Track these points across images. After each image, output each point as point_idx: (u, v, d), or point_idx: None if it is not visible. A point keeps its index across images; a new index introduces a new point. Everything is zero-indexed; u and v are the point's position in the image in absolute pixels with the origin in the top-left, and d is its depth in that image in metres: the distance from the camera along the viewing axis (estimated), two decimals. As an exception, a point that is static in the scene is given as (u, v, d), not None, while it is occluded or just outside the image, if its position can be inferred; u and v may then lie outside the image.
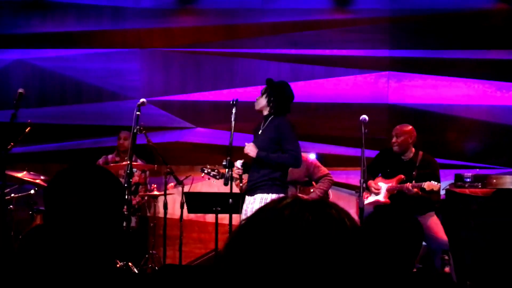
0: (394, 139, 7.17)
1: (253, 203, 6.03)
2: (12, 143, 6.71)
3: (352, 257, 1.21)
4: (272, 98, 6.15)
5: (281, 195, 5.92)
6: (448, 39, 9.06)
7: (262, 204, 4.85)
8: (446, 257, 6.88)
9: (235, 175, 6.36)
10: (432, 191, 6.81)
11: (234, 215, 6.40)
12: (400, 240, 3.17)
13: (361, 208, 6.54)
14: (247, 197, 6.20)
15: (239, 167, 6.33)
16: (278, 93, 6.17)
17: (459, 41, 9.04)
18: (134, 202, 8.19)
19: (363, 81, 9.26)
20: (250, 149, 6.12)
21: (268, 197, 5.97)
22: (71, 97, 9.63)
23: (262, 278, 1.18)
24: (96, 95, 9.60)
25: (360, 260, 1.22)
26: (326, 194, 7.49)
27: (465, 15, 8.99)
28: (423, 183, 6.83)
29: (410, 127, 7.22)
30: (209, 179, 7.51)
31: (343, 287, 1.18)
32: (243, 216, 6.06)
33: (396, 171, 7.15)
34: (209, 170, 7.49)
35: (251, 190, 6.15)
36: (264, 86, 6.32)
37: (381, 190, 7.17)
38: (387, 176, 7.23)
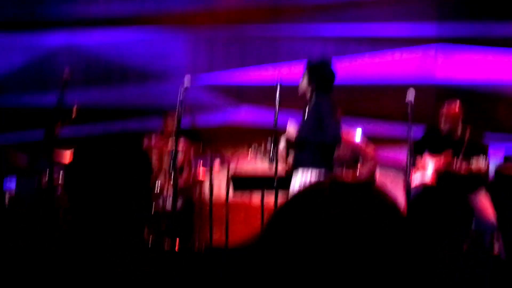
0: (443, 124, 7.08)
1: (295, 178, 6.03)
2: (59, 127, 6.80)
3: (394, 237, 1.20)
4: (312, 82, 6.10)
5: (323, 169, 5.90)
6: (497, 11, 8.90)
7: (303, 178, 4.81)
8: (496, 236, 6.83)
9: (280, 154, 6.32)
10: (479, 170, 6.72)
11: (280, 196, 6.40)
12: (450, 221, 3.14)
13: (408, 190, 6.48)
14: (293, 174, 6.20)
15: (282, 147, 6.27)
16: (318, 75, 6.11)
17: (508, 13, 8.88)
18: (180, 183, 8.23)
19: (410, 57, 9.15)
20: (290, 130, 6.12)
21: (309, 172, 5.94)
22: (116, 80, 9.72)
23: (301, 259, 1.18)
24: (141, 77, 9.68)
25: (402, 241, 1.21)
26: (372, 174, 7.44)
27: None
28: (471, 162, 6.73)
29: (457, 106, 7.11)
30: (256, 158, 7.52)
31: (386, 270, 1.17)
32: (290, 193, 6.07)
33: (444, 147, 7.06)
34: (256, 147, 7.50)
35: (295, 167, 6.16)
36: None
37: (428, 168, 7.08)
38: (435, 151, 7.13)
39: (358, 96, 9.11)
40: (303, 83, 6.17)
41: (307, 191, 1.28)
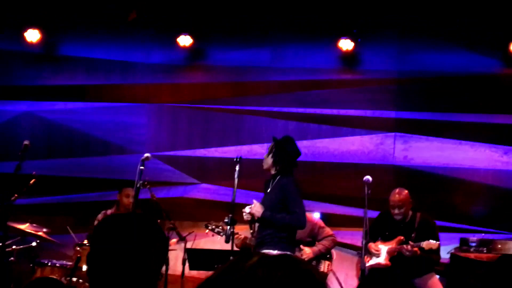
0: (396, 211, 7.15)
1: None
2: (16, 195, 6.75)
3: None
4: (277, 158, 6.17)
5: (288, 252, 5.92)
6: (455, 102, 9.12)
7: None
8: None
9: (245, 218, 6.29)
10: (431, 250, 6.78)
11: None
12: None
13: (362, 270, 6.50)
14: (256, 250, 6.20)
15: (247, 212, 6.25)
16: (283, 151, 6.19)
17: (466, 104, 9.09)
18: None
19: (369, 142, 9.30)
20: (256, 209, 6.13)
21: (273, 253, 5.95)
22: (78, 150, 9.71)
23: None
24: (103, 148, 9.67)
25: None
26: (328, 252, 7.45)
27: (473, 78, 9.07)
28: (422, 242, 6.81)
29: (406, 192, 7.22)
30: (213, 235, 7.51)
31: None
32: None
33: (395, 234, 7.14)
34: (213, 227, 7.50)
35: (258, 245, 6.16)
36: (269, 144, 6.36)
37: (381, 252, 7.14)
38: (386, 239, 7.21)
39: (318, 175, 9.18)
40: (268, 159, 6.22)
41: (235, 267, 1.30)
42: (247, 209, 6.22)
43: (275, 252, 5.93)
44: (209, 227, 7.54)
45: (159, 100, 9.63)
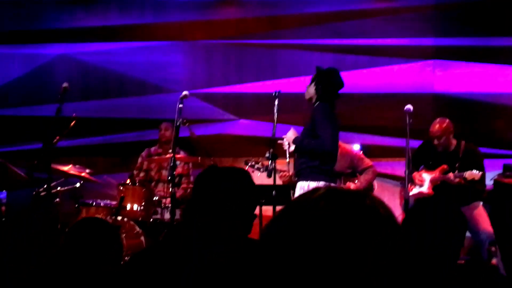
0: (436, 141, 7.11)
1: (298, 190, 6.05)
2: (58, 137, 6.84)
3: (387, 246, 1.22)
4: (320, 87, 6.11)
5: (321, 182, 5.92)
6: (495, 25, 8.93)
7: (302, 191, 4.86)
8: (493, 249, 6.85)
9: (285, 148, 6.28)
10: (474, 180, 6.75)
11: (278, 207, 6.42)
12: (443, 231, 3.16)
13: (406, 200, 6.51)
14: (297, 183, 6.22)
15: (286, 143, 6.23)
16: (326, 81, 6.14)
17: (507, 28, 8.90)
18: (178, 195, 8.26)
19: (408, 70, 9.19)
20: (288, 137, 6.14)
21: (305, 185, 5.97)
22: (114, 91, 9.76)
23: (296, 268, 1.21)
24: (139, 89, 9.72)
25: (396, 249, 1.23)
26: (370, 185, 7.47)
27: (512, 1, 8.87)
28: (465, 172, 6.78)
29: (447, 121, 7.13)
30: (253, 172, 7.55)
31: (378, 278, 1.20)
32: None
33: (439, 163, 7.11)
34: (253, 163, 7.54)
35: (296, 176, 6.19)
36: (306, 77, 6.32)
37: (424, 182, 7.14)
38: (430, 168, 7.19)
39: (356, 107, 9.14)
40: (310, 89, 6.18)
41: (301, 200, 1.30)
42: (283, 137, 6.24)
43: (307, 182, 5.93)
44: (249, 164, 7.58)
45: (193, 38, 9.59)
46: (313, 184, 5.91)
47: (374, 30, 9.21)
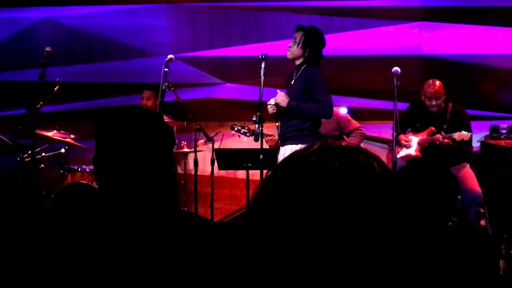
0: (434, 102, 7.08)
1: (284, 154, 6.03)
2: (41, 102, 6.77)
3: (382, 202, 1.19)
4: (307, 48, 6.05)
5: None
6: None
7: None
8: (482, 210, 6.88)
9: (270, 111, 6.25)
10: (462, 141, 6.77)
11: (265, 171, 6.42)
12: (435, 192, 3.15)
13: (393, 162, 6.51)
14: (280, 148, 6.21)
15: (272, 103, 6.19)
16: (313, 41, 6.08)
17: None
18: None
19: (395, 32, 9.13)
20: (281, 99, 6.08)
21: (297, 148, 5.95)
22: (98, 55, 9.65)
23: (290, 227, 1.17)
24: (124, 52, 9.61)
25: (391, 207, 1.20)
26: (358, 147, 7.46)
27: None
28: (454, 133, 6.79)
29: (439, 82, 7.13)
30: (239, 136, 7.53)
31: (373, 236, 1.17)
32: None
33: (426, 125, 7.11)
34: (239, 128, 7.52)
35: (282, 140, 6.17)
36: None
37: (411, 143, 7.14)
38: (417, 130, 7.20)
39: (343, 69, 9.09)
40: (296, 49, 6.11)
41: (293, 156, 1.26)
42: (272, 101, 6.17)
43: (298, 146, 5.92)
44: (235, 128, 7.56)
45: (178, 0, 9.46)
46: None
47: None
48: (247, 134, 7.43)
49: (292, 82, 6.17)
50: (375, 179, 1.22)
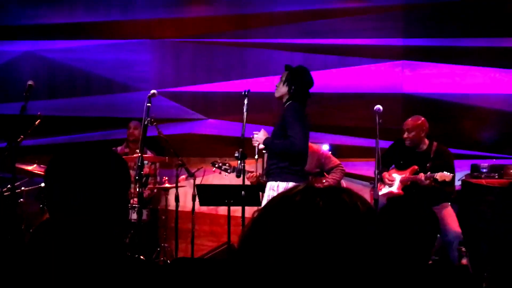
0: (405, 134, 7.16)
1: (268, 191, 6.03)
2: (22, 136, 6.74)
3: (366, 242, 1.21)
4: (292, 86, 6.09)
5: (291, 183, 5.91)
6: (462, 26, 8.99)
7: (272, 191, 4.84)
8: (463, 249, 6.91)
9: (254, 143, 6.27)
10: (444, 182, 6.80)
11: (247, 208, 6.41)
12: (415, 231, 3.17)
13: (375, 200, 6.53)
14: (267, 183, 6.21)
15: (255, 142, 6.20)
16: (299, 80, 6.12)
17: (474, 29, 8.97)
18: (145, 194, 8.21)
19: (377, 71, 9.22)
20: (258, 137, 6.12)
21: (275, 185, 5.95)
22: (80, 89, 9.65)
23: (275, 267, 1.18)
24: (106, 87, 9.62)
25: (374, 246, 1.22)
26: (339, 184, 7.49)
27: (480, 1, 8.92)
28: (436, 173, 6.82)
29: (422, 119, 7.20)
30: (220, 173, 7.53)
31: (356, 274, 1.18)
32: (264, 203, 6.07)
33: (409, 162, 7.14)
34: (220, 164, 7.52)
35: (266, 176, 6.19)
36: (275, 76, 6.30)
37: (394, 182, 7.17)
38: (400, 168, 7.23)
39: (326, 106, 9.14)
40: (282, 88, 6.15)
41: (279, 197, 1.28)
42: (254, 135, 6.22)
43: (277, 183, 5.92)
44: (216, 165, 7.56)
45: (162, 36, 9.52)
46: (282, 185, 5.90)
47: (343, 30, 9.22)
48: (228, 171, 7.44)
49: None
50: (359, 218, 1.23)
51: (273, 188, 5.94)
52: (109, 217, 2.17)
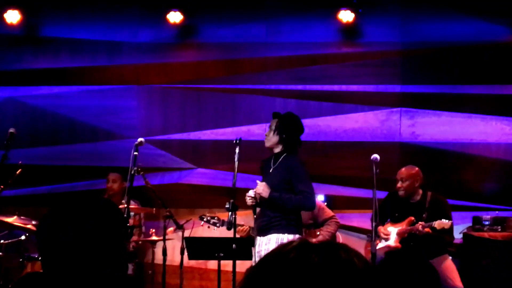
0: (399, 184, 7.20)
1: (268, 244, 6.02)
2: (2, 186, 6.74)
3: None
4: (283, 135, 6.14)
5: (297, 235, 5.98)
6: (463, 73, 9.09)
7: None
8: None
9: (249, 203, 6.27)
10: (443, 229, 6.80)
11: (238, 262, 6.39)
12: (415, 285, 3.17)
13: (373, 254, 6.52)
14: (259, 238, 6.17)
15: (252, 195, 6.21)
16: (289, 128, 6.17)
17: (475, 76, 9.07)
18: (129, 247, 8.18)
19: (374, 118, 9.27)
20: (263, 189, 6.09)
21: (284, 237, 5.99)
22: (64, 137, 9.66)
23: None
24: (91, 135, 9.63)
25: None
26: (334, 237, 7.48)
27: (480, 48, 9.03)
28: (434, 222, 6.82)
29: (416, 169, 7.24)
30: (209, 227, 7.51)
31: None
32: (257, 258, 6.06)
33: (405, 215, 7.15)
34: (208, 218, 7.49)
35: (264, 230, 6.13)
36: (268, 124, 6.35)
37: (390, 235, 7.17)
38: (396, 220, 7.24)
39: (320, 155, 9.17)
40: (273, 137, 6.18)
41: (274, 253, 1.30)
42: (251, 193, 6.19)
43: (284, 235, 5.96)
44: (204, 219, 7.53)
45: (149, 81, 9.57)
46: (290, 237, 5.96)
47: (339, 76, 9.30)
48: (217, 225, 7.41)
49: (271, 171, 6.21)
50: (356, 274, 1.25)
51: (282, 240, 5.99)
52: (102, 264, 2.17)
